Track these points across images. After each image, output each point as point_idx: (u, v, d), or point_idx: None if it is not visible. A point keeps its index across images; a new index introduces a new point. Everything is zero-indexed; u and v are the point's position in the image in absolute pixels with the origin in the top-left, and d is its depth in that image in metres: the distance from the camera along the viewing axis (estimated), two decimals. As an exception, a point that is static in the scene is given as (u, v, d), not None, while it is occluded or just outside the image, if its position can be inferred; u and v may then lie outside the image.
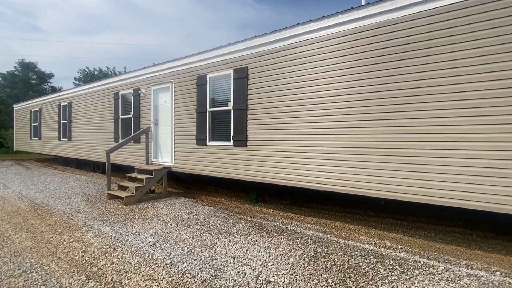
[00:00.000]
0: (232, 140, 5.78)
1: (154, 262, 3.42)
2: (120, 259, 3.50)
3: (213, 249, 3.84)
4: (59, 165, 14.10)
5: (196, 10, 61.63)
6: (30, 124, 15.10)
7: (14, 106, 17.44)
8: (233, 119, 5.76)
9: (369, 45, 4.17)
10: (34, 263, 3.40)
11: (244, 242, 4.09)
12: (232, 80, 5.76)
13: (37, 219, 5.18)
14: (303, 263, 3.42)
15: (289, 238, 4.25)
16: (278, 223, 4.99)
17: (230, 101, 5.83)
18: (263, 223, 4.98)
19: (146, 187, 6.60)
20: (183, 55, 6.76)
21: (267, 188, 7.26)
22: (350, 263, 3.46)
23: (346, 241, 4.17)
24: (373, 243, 4.14)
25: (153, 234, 4.41)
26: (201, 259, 3.51)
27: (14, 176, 10.37)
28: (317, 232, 4.55)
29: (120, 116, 8.68)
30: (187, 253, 3.69)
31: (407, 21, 3.89)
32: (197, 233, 4.47)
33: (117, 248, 3.84)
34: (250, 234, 4.41)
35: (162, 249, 3.83)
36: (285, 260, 3.51)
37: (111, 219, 5.19)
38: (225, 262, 3.44)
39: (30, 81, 29.19)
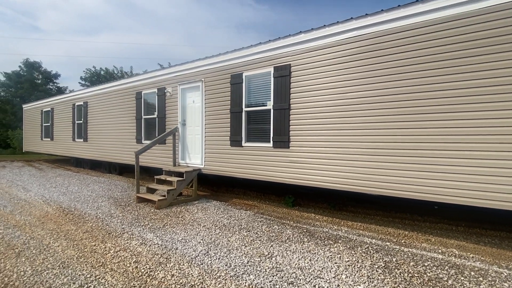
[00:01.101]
0: (272, 141, 5.51)
1: (218, 274, 3.16)
2: (179, 271, 3.24)
3: (273, 258, 3.58)
4: (71, 166, 13.83)
5: (196, 10, 61.24)
6: (41, 124, 14.82)
7: (24, 106, 17.15)
8: (273, 119, 5.49)
9: (428, 42, 3.93)
10: (88, 276, 3.13)
11: (301, 251, 3.83)
12: (272, 78, 5.49)
13: (71, 224, 4.91)
14: (379, 275, 3.16)
15: (348, 247, 3.99)
16: (327, 229, 4.73)
17: (270, 100, 5.57)
18: (311, 229, 4.72)
19: (177, 190, 6.33)
20: (215, 53, 6.48)
21: (300, 190, 7.00)
22: (428, 274, 3.20)
23: (410, 250, 3.91)
24: (439, 251, 3.88)
25: (201, 241, 4.15)
26: (266, 271, 3.24)
27: (30, 178, 10.11)
28: (373, 240, 4.28)
29: (143, 117, 8.42)
30: (247, 263, 3.43)
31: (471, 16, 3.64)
32: (247, 240, 4.21)
33: (170, 258, 3.58)
34: (303, 242, 4.15)
35: (218, 258, 3.56)
36: (357, 271, 3.25)
37: (149, 224, 4.93)
38: (294, 274, 3.18)
39: (35, 81, 28.88)
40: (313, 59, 4.96)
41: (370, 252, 3.79)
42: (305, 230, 4.67)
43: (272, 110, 5.50)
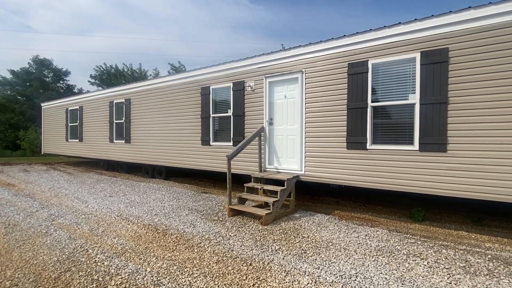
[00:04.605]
0: (417, 143, 4.51)
1: None
2: (434, 335, 2.22)
3: (527, 307, 2.58)
4: (101, 169, 12.70)
5: (191, 10, 59.64)
6: (66, 124, 13.63)
7: (42, 104, 15.93)
8: (419, 116, 4.48)
9: None
10: None
11: (541, 291, 2.84)
12: (418, 65, 4.49)
13: (185, 250, 3.86)
14: None
15: None
16: (516, 255, 3.74)
17: (413, 93, 4.56)
18: (497, 255, 3.73)
19: (281, 201, 5.30)
20: (324, 39, 5.47)
21: (415, 202, 6.00)
22: None
23: None
24: None
25: (384, 277, 3.14)
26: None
27: (69, 184, 8.99)
28: None
29: (211, 115, 7.35)
30: (509, 318, 2.43)
31: None
32: (442, 273, 3.21)
33: (386, 309, 2.56)
34: (517, 275, 3.16)
35: (453, 308, 2.56)
36: None
37: (281, 249, 3.90)
38: None
39: (44, 79, 27.50)
40: (489, 40, 3.96)
41: None
42: (489, 257, 3.68)
43: (417, 105, 4.50)
